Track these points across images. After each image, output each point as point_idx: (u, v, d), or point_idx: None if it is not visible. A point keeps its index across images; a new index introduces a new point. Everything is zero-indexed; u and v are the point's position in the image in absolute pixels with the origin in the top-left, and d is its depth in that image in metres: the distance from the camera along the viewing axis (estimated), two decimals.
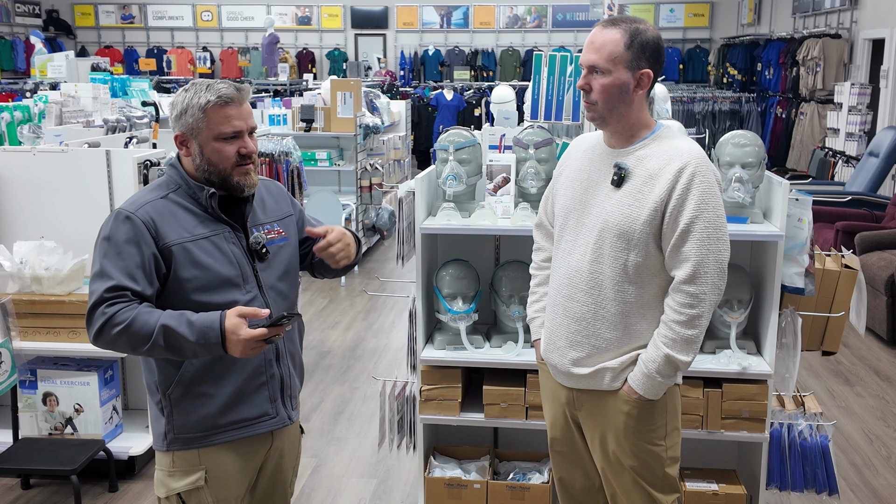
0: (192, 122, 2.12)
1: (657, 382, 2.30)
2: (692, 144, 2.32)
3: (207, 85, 2.12)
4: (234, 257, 2.17)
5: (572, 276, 2.37)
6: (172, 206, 2.14)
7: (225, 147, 2.13)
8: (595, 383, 2.39)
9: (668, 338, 2.27)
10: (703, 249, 2.23)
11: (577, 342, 2.39)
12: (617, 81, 2.25)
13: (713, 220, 2.24)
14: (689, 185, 2.23)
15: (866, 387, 5.12)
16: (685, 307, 2.25)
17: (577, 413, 2.48)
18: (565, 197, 2.44)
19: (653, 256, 2.29)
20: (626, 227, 2.27)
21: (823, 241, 6.63)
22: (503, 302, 3.28)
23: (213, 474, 2.19)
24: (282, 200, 2.38)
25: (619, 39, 2.24)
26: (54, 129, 5.00)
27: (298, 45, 16.98)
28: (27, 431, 3.85)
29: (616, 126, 2.33)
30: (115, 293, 2.04)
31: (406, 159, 10.40)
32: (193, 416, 2.17)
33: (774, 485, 3.24)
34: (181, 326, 2.01)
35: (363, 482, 3.95)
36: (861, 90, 9.31)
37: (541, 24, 16.40)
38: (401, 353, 5.53)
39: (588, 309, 2.35)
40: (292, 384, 2.31)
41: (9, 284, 3.78)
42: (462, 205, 3.30)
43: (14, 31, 16.39)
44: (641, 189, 2.27)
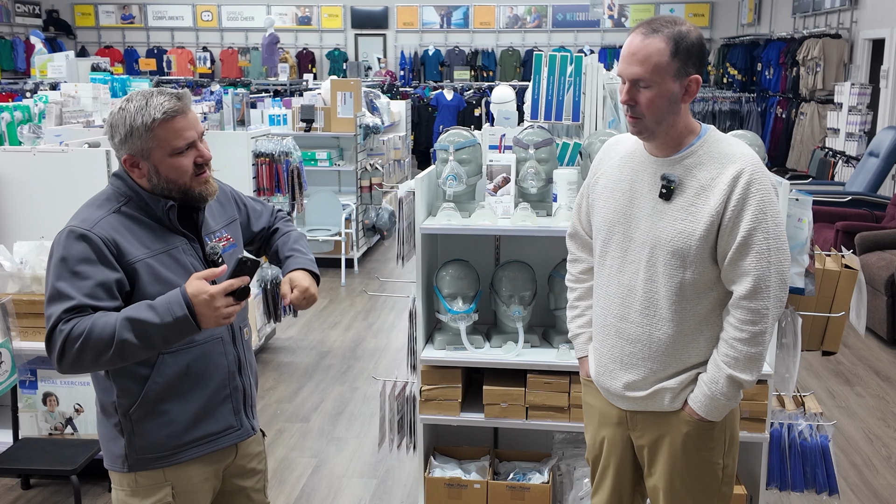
0: (141, 143, 2.01)
1: (721, 404, 2.18)
2: (745, 149, 2.16)
3: (146, 101, 2.00)
4: (194, 270, 2.07)
5: (625, 296, 2.23)
6: (128, 221, 2.04)
7: (181, 161, 2.03)
8: (654, 405, 2.26)
9: (730, 357, 2.14)
10: (764, 262, 2.09)
11: (632, 364, 2.25)
12: (666, 93, 2.09)
13: (773, 230, 2.10)
14: (745, 195, 2.08)
15: (866, 387, 5.12)
16: (747, 324, 2.12)
17: (630, 433, 2.36)
18: (607, 209, 2.28)
19: (709, 271, 2.16)
20: (681, 245, 2.13)
21: (823, 241, 6.63)
22: (503, 302, 3.28)
23: (179, 489, 2.12)
24: (227, 204, 2.31)
25: (663, 49, 2.06)
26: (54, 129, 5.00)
27: (298, 45, 16.98)
28: (27, 431, 3.85)
29: (664, 137, 2.17)
30: (73, 312, 1.91)
31: (406, 159, 10.41)
32: (157, 437, 2.08)
33: (774, 485, 3.24)
34: (142, 313, 1.89)
35: (363, 482, 3.95)
36: (861, 90, 9.31)
37: (541, 24, 16.40)
38: (401, 353, 5.53)
39: (643, 330, 2.22)
40: (252, 394, 2.26)
41: (9, 284, 3.78)
42: (462, 205, 3.30)
43: (14, 31, 16.39)
44: (694, 202, 2.12)
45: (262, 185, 5.35)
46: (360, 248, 7.95)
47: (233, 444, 2.23)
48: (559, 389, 3.17)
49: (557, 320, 3.33)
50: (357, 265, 7.83)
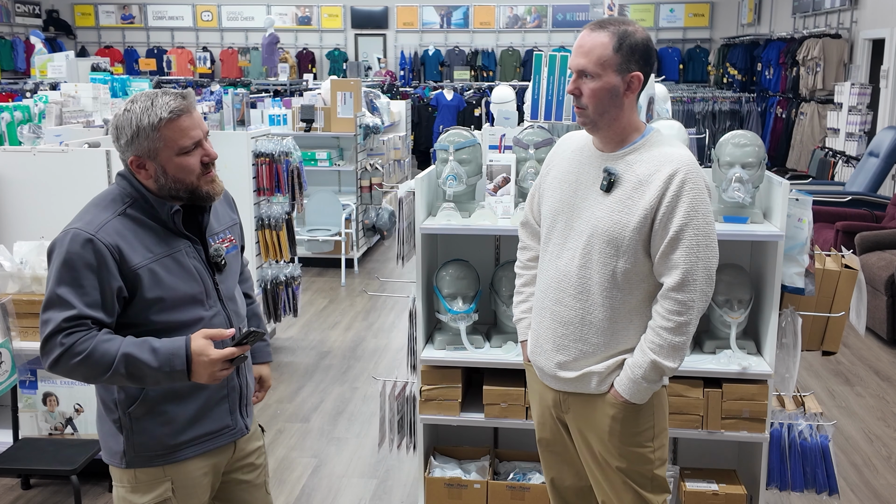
0: (148, 143, 2.01)
1: (643, 387, 2.30)
2: (683, 150, 2.29)
3: (151, 101, 2.01)
4: (197, 273, 2.10)
5: (560, 281, 2.36)
6: (132, 224, 2.04)
7: (188, 160, 2.04)
8: (581, 387, 2.39)
9: (656, 344, 2.26)
10: (693, 257, 2.22)
11: (563, 346, 2.38)
12: (607, 85, 2.22)
13: (703, 228, 2.22)
14: (679, 192, 2.20)
15: (866, 387, 5.12)
16: (673, 314, 2.24)
17: (563, 415, 2.48)
18: (553, 199, 2.41)
19: (641, 262, 2.28)
20: (616, 234, 2.25)
21: (823, 241, 6.63)
22: (503, 302, 3.28)
23: (179, 484, 2.15)
24: (231, 207, 2.34)
25: (607, 43, 2.21)
26: (54, 129, 5.00)
27: (298, 45, 16.98)
28: (27, 431, 3.85)
29: (607, 131, 2.30)
30: (73, 322, 1.94)
31: (406, 159, 10.41)
32: (155, 435, 2.10)
33: (774, 485, 3.24)
34: (143, 354, 1.94)
35: (363, 482, 3.95)
36: (861, 90, 9.31)
37: (541, 24, 16.40)
38: (401, 353, 5.53)
39: (576, 314, 2.34)
40: (248, 393, 2.29)
41: (9, 284, 3.78)
42: (462, 205, 3.30)
43: (14, 31, 16.39)
44: (631, 195, 2.25)
45: (262, 185, 5.35)
46: (360, 248, 7.95)
47: (229, 446, 2.26)
48: None
49: None
50: (357, 265, 7.83)
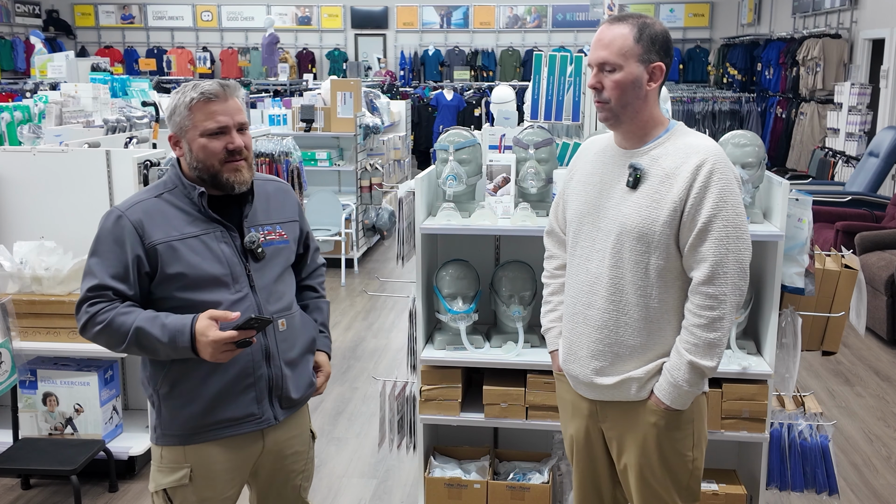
0: (180, 120, 2.15)
1: (684, 392, 2.22)
2: (709, 141, 2.24)
3: (194, 84, 2.16)
4: (224, 256, 2.18)
5: (592, 284, 2.29)
6: (164, 206, 2.17)
7: (211, 143, 2.14)
8: (620, 394, 2.31)
9: (690, 343, 2.19)
10: (722, 249, 2.15)
11: (599, 351, 2.30)
12: (630, 76, 2.18)
13: (732, 219, 2.16)
14: (707, 183, 2.15)
15: (866, 387, 5.12)
16: (705, 309, 2.18)
17: (600, 425, 2.40)
18: (578, 202, 2.36)
19: (674, 258, 2.22)
20: (646, 230, 2.19)
21: (823, 241, 6.63)
22: (503, 302, 3.28)
23: (197, 473, 2.21)
24: (290, 205, 2.40)
25: (627, 34, 2.18)
26: (54, 129, 5.00)
27: (298, 45, 16.98)
28: (27, 431, 3.85)
29: (629, 125, 2.25)
30: (96, 292, 2.10)
31: (406, 159, 10.41)
32: (179, 414, 2.19)
33: (774, 485, 3.23)
34: (154, 328, 2.06)
35: (363, 482, 3.95)
36: (861, 90, 9.31)
37: (541, 24, 16.40)
38: (401, 353, 5.53)
39: (610, 316, 2.27)
40: (284, 385, 2.27)
41: (9, 284, 3.78)
42: (462, 205, 3.30)
43: (14, 31, 16.38)
44: (658, 189, 2.20)
45: None
46: (360, 248, 7.95)
47: (257, 433, 2.27)
48: None
49: None
50: (357, 265, 7.83)
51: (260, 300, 2.22)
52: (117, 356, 3.87)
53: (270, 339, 2.24)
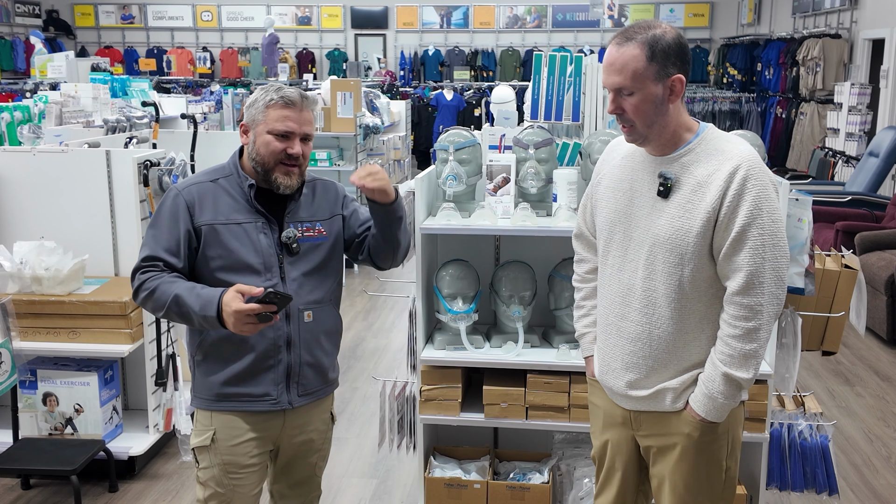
0: (255, 113, 2.34)
1: (720, 404, 2.16)
2: (743, 145, 2.16)
3: (279, 87, 2.35)
4: (261, 246, 2.35)
5: (625, 295, 2.25)
6: (218, 190, 2.37)
7: (274, 142, 2.32)
8: (655, 405, 2.27)
9: (725, 354, 2.13)
10: (758, 258, 2.08)
11: (632, 363, 2.26)
12: (650, 98, 2.10)
13: (769, 226, 2.09)
14: (741, 190, 2.07)
15: (866, 387, 5.12)
16: (740, 320, 2.11)
17: (634, 433, 2.37)
18: (608, 209, 2.30)
19: (707, 267, 2.16)
20: (679, 241, 2.13)
21: (823, 241, 6.63)
22: (503, 302, 3.28)
23: (220, 436, 2.40)
24: (334, 202, 2.54)
25: (639, 54, 2.08)
26: (54, 129, 5.00)
27: (298, 45, 16.98)
28: (27, 431, 3.85)
29: (658, 139, 2.18)
30: (148, 262, 2.31)
31: (406, 159, 10.41)
32: (206, 380, 2.40)
33: (774, 485, 3.23)
34: (190, 297, 2.23)
35: (363, 482, 3.95)
36: (861, 90, 9.31)
37: (541, 24, 16.40)
38: (401, 353, 5.53)
39: (643, 329, 2.22)
40: (302, 373, 2.42)
41: (9, 284, 3.78)
42: (462, 205, 3.30)
43: (14, 31, 16.39)
44: (691, 199, 2.12)
45: None
46: None
47: (277, 414, 2.42)
48: (559, 389, 3.17)
49: (557, 320, 3.33)
50: (357, 265, 7.84)
51: (288, 290, 2.35)
52: (117, 356, 3.87)
53: (293, 328, 2.39)
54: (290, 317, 2.37)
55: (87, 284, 3.87)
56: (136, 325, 3.78)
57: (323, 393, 2.52)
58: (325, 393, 2.53)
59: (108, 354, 3.82)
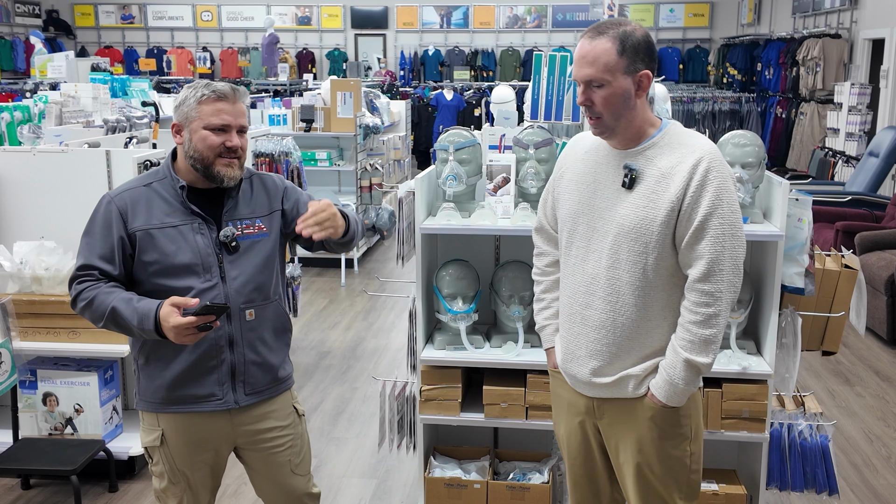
0: (187, 111, 2.32)
1: (680, 389, 2.24)
2: (703, 139, 2.26)
3: (207, 83, 2.34)
4: (198, 247, 2.33)
5: (589, 284, 2.31)
6: (151, 195, 2.36)
7: (211, 136, 2.30)
8: (618, 391, 2.33)
9: (686, 340, 2.22)
10: (718, 246, 2.17)
11: (597, 351, 2.32)
12: (619, 90, 2.18)
13: (728, 217, 2.18)
14: (703, 181, 2.17)
15: (866, 387, 5.12)
16: (700, 306, 2.19)
17: (597, 422, 2.42)
18: (571, 201, 2.36)
19: (670, 256, 2.24)
20: (643, 230, 2.21)
21: (823, 241, 6.63)
22: (503, 302, 3.28)
23: (168, 437, 2.43)
24: (274, 196, 2.49)
25: (610, 48, 2.17)
26: (54, 129, 5.00)
27: (298, 45, 16.98)
28: (27, 431, 3.85)
29: (624, 133, 2.26)
30: (83, 272, 2.31)
31: (406, 159, 10.40)
32: (151, 384, 2.40)
33: (774, 485, 3.24)
34: (127, 310, 2.23)
35: (363, 482, 3.95)
36: (861, 90, 9.31)
37: (541, 24, 16.40)
38: (401, 353, 5.53)
39: (607, 317, 2.28)
40: (247, 371, 2.42)
41: (9, 284, 3.78)
42: (462, 205, 3.30)
43: (14, 31, 16.38)
44: (655, 189, 2.21)
45: None
46: (360, 248, 7.95)
47: (223, 414, 2.42)
48: None
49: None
50: (357, 265, 7.83)
51: (229, 290, 2.35)
52: (117, 356, 3.87)
53: (235, 327, 2.37)
54: (230, 316, 2.36)
55: None
56: None
57: (274, 391, 2.50)
58: (276, 391, 2.51)
59: (108, 354, 3.82)
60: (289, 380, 2.57)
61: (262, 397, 2.47)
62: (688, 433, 2.34)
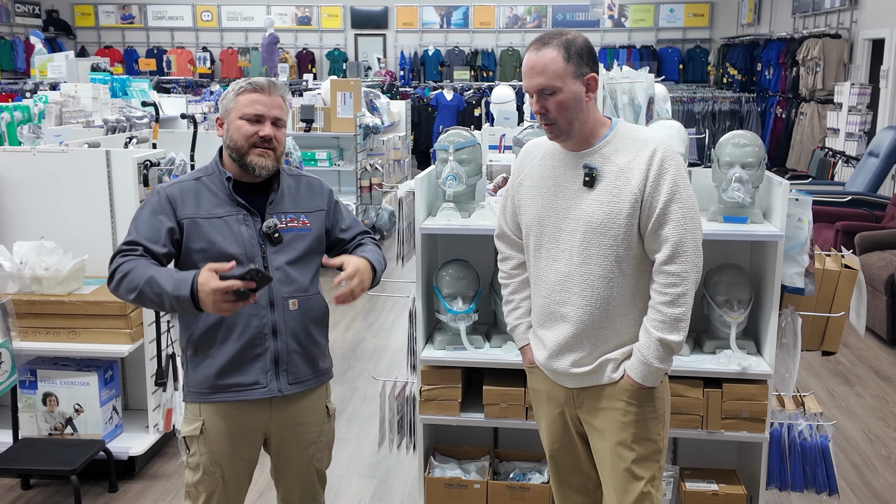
0: (227, 103, 2.43)
1: (654, 369, 2.36)
2: (654, 132, 2.39)
3: (248, 79, 2.45)
4: (243, 237, 2.40)
5: (563, 282, 2.41)
6: (200, 188, 2.44)
7: (245, 125, 2.38)
8: (597, 378, 2.43)
9: (657, 321, 2.33)
10: (681, 229, 2.30)
11: (576, 345, 2.42)
12: (571, 94, 2.29)
13: (686, 201, 2.32)
14: (661, 170, 2.30)
15: (866, 387, 5.12)
16: (668, 287, 2.32)
17: (576, 411, 2.51)
18: (535, 206, 2.46)
19: (636, 245, 2.36)
20: (610, 224, 2.32)
21: (823, 241, 6.63)
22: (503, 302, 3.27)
23: (208, 427, 2.46)
24: (318, 196, 2.58)
25: (557, 56, 2.28)
26: (54, 129, 5.00)
27: (298, 45, 16.98)
28: (27, 431, 3.85)
29: (578, 135, 2.37)
30: (128, 247, 2.35)
31: (406, 159, 10.41)
32: (199, 374, 2.44)
33: (774, 485, 3.24)
34: (164, 278, 2.25)
35: (363, 482, 3.95)
36: (861, 90, 9.31)
37: (541, 24, 16.40)
38: (401, 353, 5.53)
39: (584, 311, 2.39)
40: (290, 360, 2.46)
41: (9, 284, 3.78)
42: (462, 205, 3.30)
43: (14, 31, 16.38)
44: (616, 184, 2.33)
45: None
46: None
47: (264, 404, 2.45)
48: None
49: None
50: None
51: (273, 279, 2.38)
52: (117, 356, 3.87)
53: (279, 316, 2.42)
54: (274, 305, 2.41)
55: (86, 284, 3.87)
56: (136, 325, 3.79)
57: (314, 382, 2.54)
58: (316, 382, 2.55)
59: (107, 354, 3.82)
60: (328, 372, 2.61)
61: (304, 387, 2.51)
62: (662, 416, 2.46)
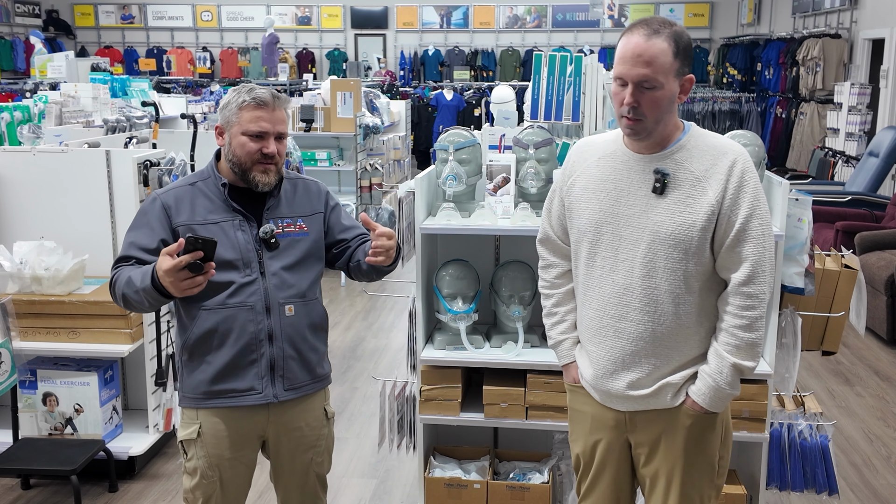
0: (228, 115, 2.39)
1: (724, 394, 2.19)
2: (730, 141, 2.22)
3: (250, 88, 2.39)
4: (239, 243, 2.39)
5: (621, 295, 2.22)
6: (195, 193, 2.42)
7: (248, 143, 2.36)
8: (656, 402, 2.26)
9: (732, 345, 2.17)
10: (760, 248, 2.14)
11: (634, 364, 2.24)
12: (669, 93, 2.12)
13: (765, 217, 2.16)
14: (741, 183, 2.13)
15: (866, 387, 5.12)
16: (745, 310, 2.15)
17: (628, 435, 2.35)
18: (591, 210, 2.26)
19: (708, 261, 2.19)
20: (682, 236, 2.14)
21: (823, 241, 6.63)
22: (503, 302, 3.28)
23: (205, 431, 2.45)
24: (316, 199, 2.56)
25: (667, 49, 2.08)
26: (54, 129, 5.00)
27: (298, 45, 16.98)
28: (27, 431, 3.85)
29: (657, 136, 2.19)
30: (121, 262, 2.37)
31: (406, 159, 10.40)
32: (194, 379, 2.44)
33: (774, 485, 3.24)
34: (135, 275, 2.27)
35: (363, 482, 3.95)
36: (861, 90, 9.31)
37: (541, 24, 16.40)
38: (401, 353, 5.53)
39: (645, 328, 2.21)
40: (286, 366, 2.45)
41: (9, 284, 3.78)
42: (462, 205, 3.30)
43: (14, 31, 16.38)
44: (691, 193, 2.15)
45: None
46: None
47: (261, 408, 2.45)
48: (559, 389, 3.17)
49: None
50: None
51: (269, 285, 2.41)
52: (116, 356, 3.87)
53: (275, 322, 2.41)
54: (270, 310, 2.40)
55: (86, 284, 3.87)
56: (136, 325, 3.79)
57: (311, 388, 2.52)
58: (313, 388, 2.53)
59: (107, 354, 3.82)
60: (326, 378, 2.59)
61: (301, 393, 2.49)
62: (720, 437, 2.31)
